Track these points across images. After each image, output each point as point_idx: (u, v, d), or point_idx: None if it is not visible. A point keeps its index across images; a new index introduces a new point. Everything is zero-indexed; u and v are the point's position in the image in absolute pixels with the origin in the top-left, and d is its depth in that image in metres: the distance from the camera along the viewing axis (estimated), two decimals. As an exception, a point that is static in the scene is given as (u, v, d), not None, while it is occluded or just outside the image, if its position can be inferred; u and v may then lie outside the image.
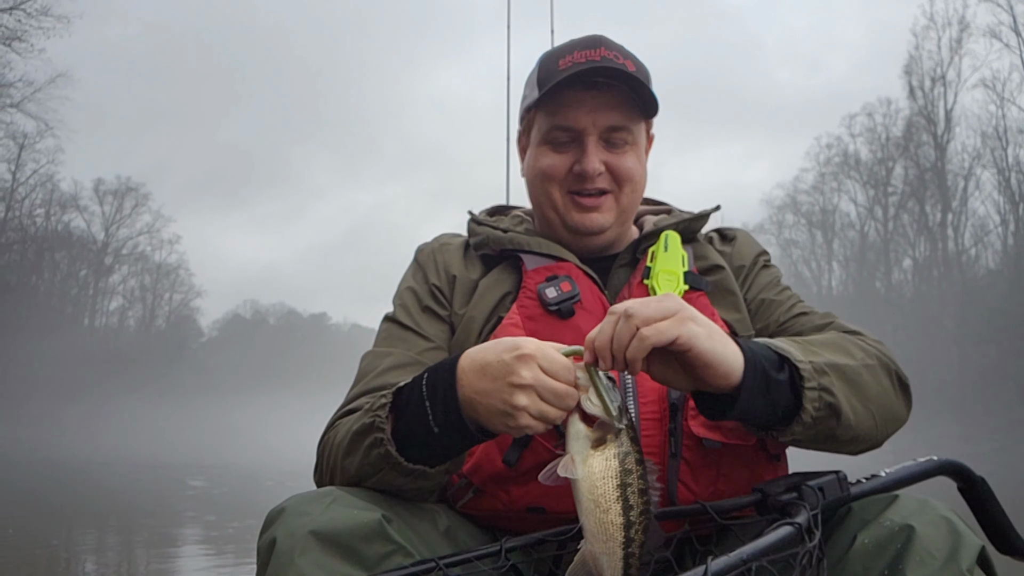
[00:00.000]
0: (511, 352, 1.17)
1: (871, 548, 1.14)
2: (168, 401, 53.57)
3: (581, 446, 1.13)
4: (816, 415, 1.23)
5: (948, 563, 1.09)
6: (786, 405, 1.24)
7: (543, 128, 1.56)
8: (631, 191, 1.56)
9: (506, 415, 1.16)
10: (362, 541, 1.12)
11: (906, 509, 1.17)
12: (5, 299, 43.64)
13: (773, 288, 1.63)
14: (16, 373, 40.11)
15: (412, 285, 1.62)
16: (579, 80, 1.48)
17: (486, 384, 1.18)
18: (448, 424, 1.21)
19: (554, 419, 1.16)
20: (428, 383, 1.24)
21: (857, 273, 48.78)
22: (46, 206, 50.60)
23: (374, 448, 1.24)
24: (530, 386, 1.14)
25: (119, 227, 57.31)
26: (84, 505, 11.94)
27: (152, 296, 62.99)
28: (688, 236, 1.63)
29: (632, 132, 1.54)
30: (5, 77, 34.80)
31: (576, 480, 1.12)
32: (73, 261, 54.64)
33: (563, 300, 1.47)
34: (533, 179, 1.60)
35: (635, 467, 1.12)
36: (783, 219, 54.19)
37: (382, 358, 1.51)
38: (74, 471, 19.27)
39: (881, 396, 1.35)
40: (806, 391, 1.22)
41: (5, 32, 31.08)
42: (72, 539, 8.43)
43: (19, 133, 42.37)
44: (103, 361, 51.32)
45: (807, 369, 1.23)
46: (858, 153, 48.73)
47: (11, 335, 40.79)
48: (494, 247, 1.60)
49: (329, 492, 1.20)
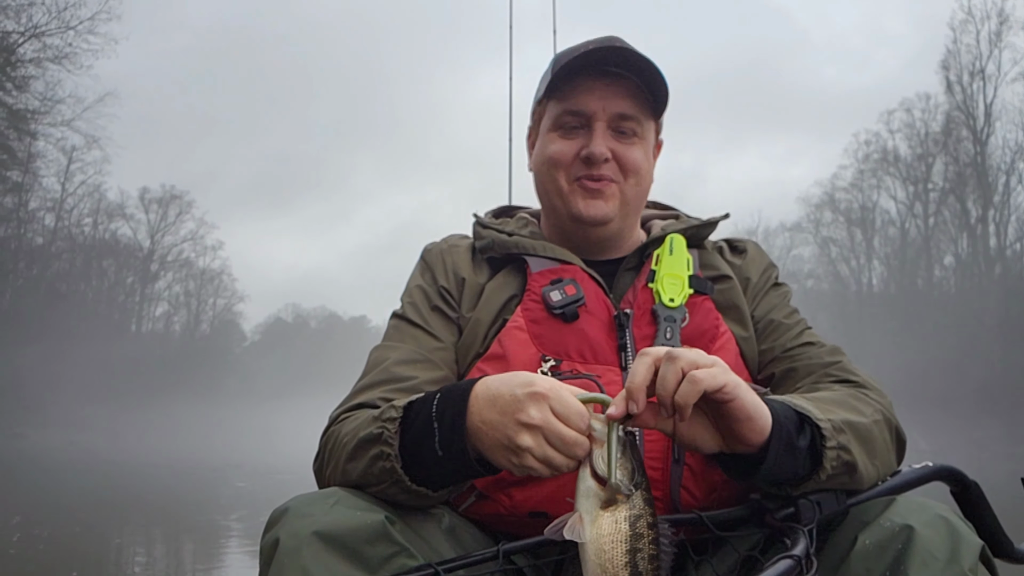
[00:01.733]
0: (524, 388, 1.13)
1: (872, 549, 1.14)
2: (213, 404, 54.24)
3: (590, 505, 1.08)
4: (833, 472, 1.22)
5: (950, 563, 1.10)
6: (805, 463, 1.22)
7: (553, 114, 1.56)
8: (636, 184, 1.55)
9: (510, 452, 1.13)
10: (365, 542, 1.11)
11: (905, 509, 1.17)
12: (56, 306, 44.75)
13: (782, 310, 1.61)
14: (68, 378, 40.91)
15: (421, 284, 1.61)
16: (592, 67, 1.50)
17: (494, 416, 1.14)
18: (452, 450, 1.18)
19: (560, 467, 1.12)
20: (439, 403, 1.21)
21: (899, 271, 48.16)
22: (94, 215, 51.80)
23: (379, 460, 1.22)
24: (537, 427, 1.10)
25: (164, 234, 58.27)
26: (136, 504, 12.29)
27: (196, 301, 63.96)
28: (695, 242, 1.62)
29: (641, 124, 1.53)
30: (56, 94, 35.95)
31: (583, 543, 1.07)
32: (120, 268, 55.71)
33: (567, 303, 1.46)
34: (540, 167, 1.59)
35: (647, 531, 1.07)
36: (820, 217, 53.68)
37: (392, 351, 1.50)
38: (125, 472, 19.79)
39: (884, 452, 1.34)
40: (827, 450, 1.20)
41: (55, 52, 32.17)
42: (126, 536, 8.83)
43: (67, 146, 43.70)
44: (150, 366, 52.18)
45: (827, 428, 1.21)
46: (897, 149, 48.19)
47: (63, 341, 41.68)
48: (499, 250, 1.58)
49: (333, 493, 1.19)
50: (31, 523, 8.97)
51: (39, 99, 35.30)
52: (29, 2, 30.77)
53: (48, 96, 35.40)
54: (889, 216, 49.77)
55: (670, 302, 1.48)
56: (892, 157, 48.27)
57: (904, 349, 40.14)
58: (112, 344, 48.63)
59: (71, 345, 42.68)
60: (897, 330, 42.72)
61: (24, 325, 39.33)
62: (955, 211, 44.34)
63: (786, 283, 1.68)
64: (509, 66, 2.93)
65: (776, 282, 1.66)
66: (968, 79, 42.71)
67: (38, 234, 46.55)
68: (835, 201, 52.21)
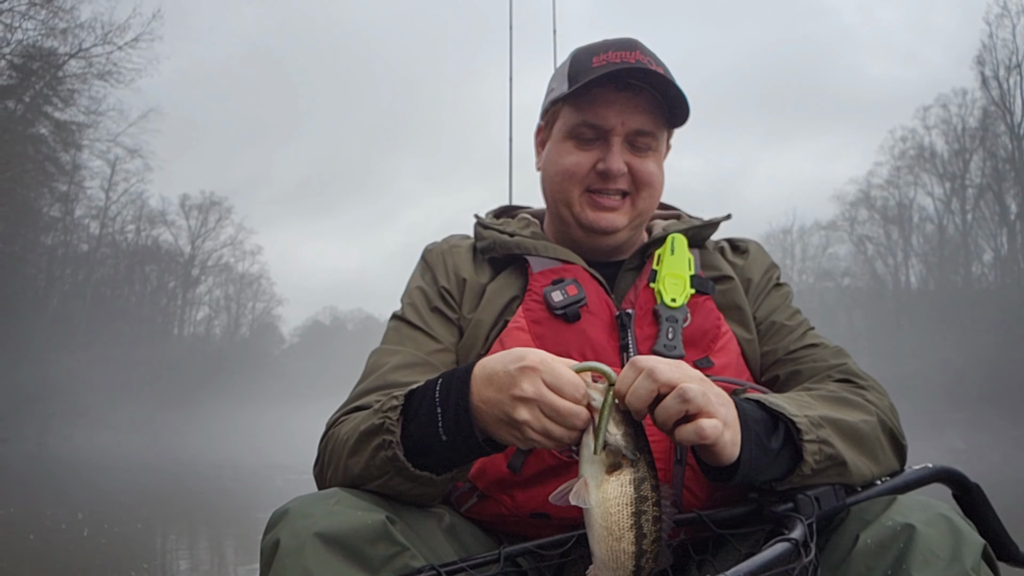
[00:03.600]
0: (516, 363, 1.14)
1: (873, 548, 1.13)
2: (253, 406, 54.79)
3: (595, 471, 1.09)
4: (817, 467, 1.22)
5: (952, 562, 1.09)
6: (787, 459, 1.23)
7: (569, 123, 1.53)
8: (648, 196, 1.55)
9: (511, 427, 1.14)
10: (366, 542, 1.11)
11: (906, 508, 1.17)
12: (101, 311, 45.77)
13: (785, 311, 1.60)
14: (114, 381, 41.67)
15: (421, 285, 1.60)
16: (613, 80, 1.47)
17: (491, 394, 1.15)
18: (457, 432, 1.18)
19: (559, 438, 1.12)
20: (442, 389, 1.21)
21: (937, 268, 47.56)
22: (136, 222, 52.56)
23: (382, 450, 1.22)
24: (532, 400, 1.11)
25: (204, 240, 58.80)
26: (183, 502, 12.58)
27: (236, 305, 64.79)
28: (696, 242, 1.61)
29: (657, 139, 1.53)
30: (100, 108, 37.08)
31: (589, 507, 1.09)
32: (162, 273, 56.32)
33: (569, 304, 1.45)
34: (553, 175, 1.57)
35: (651, 494, 1.09)
36: (856, 215, 53.16)
37: (390, 356, 1.49)
38: (171, 471, 20.17)
39: (878, 451, 1.34)
40: (805, 444, 1.21)
41: (100, 69, 33.23)
42: (179, 533, 9.18)
43: (111, 157, 44.86)
44: (192, 368, 52.87)
45: (803, 423, 1.22)
46: (933, 146, 47.62)
47: (108, 345, 42.53)
48: (500, 251, 1.58)
49: (333, 493, 1.20)
50: (93, 519, 9.41)
51: (84, 112, 36.42)
52: (77, 25, 31.85)
53: (93, 110, 36.51)
54: (926, 213, 49.21)
55: (672, 302, 1.47)
56: (928, 154, 47.74)
57: (942, 347, 39.60)
58: (155, 347, 49.42)
59: (116, 349, 43.53)
60: (936, 328, 42.13)
61: (71, 330, 40.24)
62: (993, 207, 43.70)
63: (787, 283, 1.68)
64: (509, 66, 2.90)
65: (778, 282, 1.66)
66: (1004, 73, 42.13)
67: (83, 241, 47.76)
68: (871, 199, 51.69)
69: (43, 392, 34.26)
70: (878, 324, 48.84)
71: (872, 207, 51.84)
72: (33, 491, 14.06)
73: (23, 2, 29.15)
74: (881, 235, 52.01)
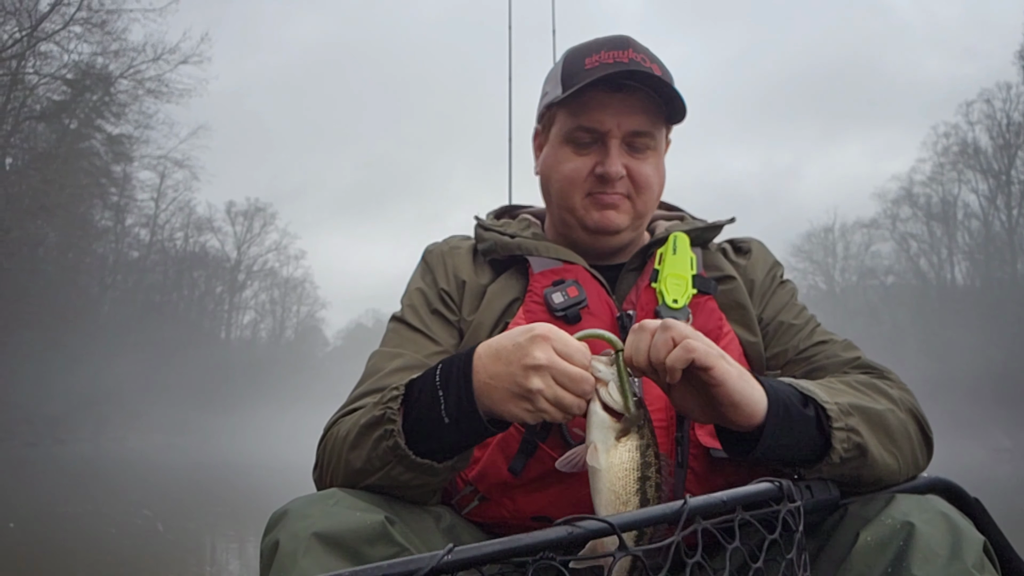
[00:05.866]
0: (526, 334, 1.15)
1: (873, 546, 1.13)
2: (297, 408, 54.95)
3: (605, 435, 1.11)
4: (845, 455, 1.21)
5: (952, 560, 1.09)
6: (812, 445, 1.22)
7: (565, 127, 1.52)
8: (647, 199, 1.54)
9: (521, 398, 1.14)
10: (365, 543, 1.11)
11: (906, 506, 1.17)
12: (152, 317, 46.74)
13: (791, 310, 1.58)
14: (164, 384, 42.35)
15: (421, 286, 1.59)
16: (606, 83, 1.45)
17: (500, 368, 1.15)
18: (461, 414, 1.19)
19: (569, 405, 1.13)
20: (442, 373, 1.22)
21: (983, 265, 46.82)
22: (184, 229, 53.49)
23: (383, 440, 1.22)
24: (544, 367, 1.12)
25: (249, 245, 59.54)
26: (231, 503, 12.84)
27: (281, 309, 65.62)
28: (699, 243, 1.60)
29: (655, 138, 1.51)
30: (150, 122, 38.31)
31: (598, 470, 1.10)
32: (209, 279, 57.01)
33: (570, 306, 1.44)
34: (554, 181, 1.56)
35: (654, 460, 1.11)
36: (898, 212, 52.55)
37: (390, 359, 1.48)
38: (221, 472, 20.55)
39: (905, 441, 1.30)
40: (835, 431, 1.20)
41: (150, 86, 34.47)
42: (217, 534, 9.44)
43: (161, 168, 46.15)
44: (239, 371, 53.57)
45: (834, 410, 1.21)
46: (977, 141, 46.93)
47: (158, 349, 43.31)
48: (501, 252, 1.57)
49: (332, 494, 1.19)
50: (161, 516, 9.83)
51: (134, 126, 37.68)
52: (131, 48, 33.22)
53: (143, 124, 37.76)
54: (971, 210, 48.50)
55: (673, 303, 1.46)
56: (972, 149, 47.03)
57: (989, 345, 38.98)
58: (203, 351, 50.21)
59: (165, 353, 44.35)
60: (982, 325, 41.49)
61: (123, 335, 41.12)
62: (1039, 203, 42.97)
63: (791, 280, 1.67)
64: (509, 66, 2.87)
65: (782, 280, 1.64)
66: (1049, 67, 41.36)
67: (133, 248, 48.91)
68: (913, 196, 51.05)
69: (97, 396, 35.04)
70: (923, 322, 48.18)
71: (915, 204, 51.22)
72: (100, 489, 14.53)
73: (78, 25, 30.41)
74: (924, 232, 51.36)
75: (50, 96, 32.26)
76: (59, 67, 31.59)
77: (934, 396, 39.28)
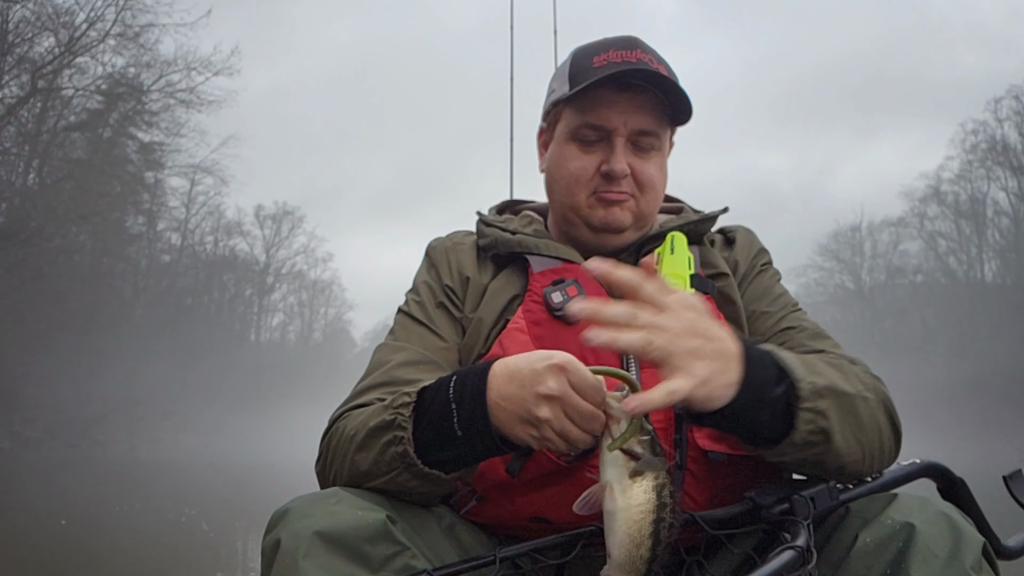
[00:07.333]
0: (544, 361, 1.14)
1: (872, 547, 1.13)
2: (327, 408, 55.23)
3: (619, 475, 1.10)
4: (808, 438, 1.19)
5: (952, 561, 1.09)
6: (775, 425, 1.19)
7: (572, 125, 1.52)
8: (652, 198, 1.54)
9: (528, 424, 1.14)
10: (367, 542, 1.10)
11: (906, 507, 1.16)
12: (183, 320, 47.37)
13: (766, 297, 1.57)
14: (196, 386, 42.96)
15: (428, 280, 1.59)
16: (614, 81, 1.46)
17: (512, 390, 1.15)
18: (472, 429, 1.18)
19: (576, 441, 1.12)
20: (456, 385, 1.21)
21: (1015, 263, 46.35)
22: (214, 233, 54.00)
23: (392, 446, 1.21)
24: (556, 398, 1.11)
25: (278, 248, 59.81)
26: (264, 502, 13.51)
27: (309, 311, 65.97)
28: (695, 238, 1.59)
29: (660, 138, 1.52)
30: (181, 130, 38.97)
31: (614, 512, 1.09)
32: (239, 282, 57.53)
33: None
34: (559, 178, 1.56)
35: (669, 500, 1.10)
36: (925, 211, 52.11)
37: (395, 352, 1.47)
38: (255, 471, 20.83)
39: (874, 431, 1.28)
40: (800, 411, 1.17)
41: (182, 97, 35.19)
42: (252, 534, 9.67)
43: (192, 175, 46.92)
44: (268, 373, 53.93)
45: (805, 390, 1.18)
46: (1006, 138, 46.49)
47: (189, 352, 43.87)
48: (502, 249, 1.56)
49: (333, 493, 1.19)
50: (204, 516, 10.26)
51: (166, 133, 38.38)
52: (164, 61, 33.96)
53: (174, 132, 38.46)
54: (1000, 207, 48.04)
55: None
56: (1001, 147, 46.61)
57: (1021, 343, 38.63)
58: (234, 353, 50.86)
59: (197, 355, 44.96)
60: (1013, 324, 41.07)
61: (156, 338, 41.66)
62: (1071, 200, 42.47)
63: (773, 267, 1.66)
64: (510, 66, 2.86)
65: (763, 267, 1.63)
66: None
67: (165, 252, 49.54)
68: (940, 194, 50.61)
69: (132, 398, 35.46)
70: (953, 321, 47.81)
71: (943, 202, 50.77)
72: (140, 489, 14.90)
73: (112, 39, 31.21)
74: (953, 230, 50.91)
75: (85, 105, 33.11)
76: (94, 79, 32.38)
77: (966, 396, 38.92)
